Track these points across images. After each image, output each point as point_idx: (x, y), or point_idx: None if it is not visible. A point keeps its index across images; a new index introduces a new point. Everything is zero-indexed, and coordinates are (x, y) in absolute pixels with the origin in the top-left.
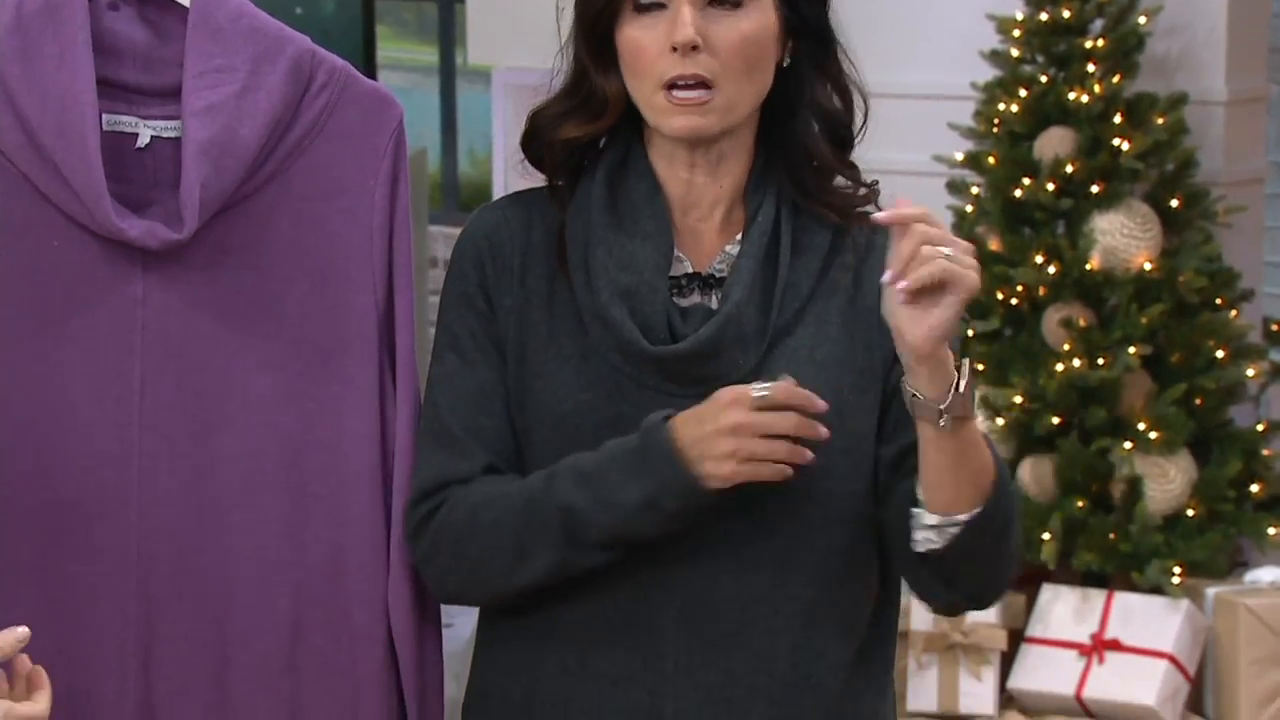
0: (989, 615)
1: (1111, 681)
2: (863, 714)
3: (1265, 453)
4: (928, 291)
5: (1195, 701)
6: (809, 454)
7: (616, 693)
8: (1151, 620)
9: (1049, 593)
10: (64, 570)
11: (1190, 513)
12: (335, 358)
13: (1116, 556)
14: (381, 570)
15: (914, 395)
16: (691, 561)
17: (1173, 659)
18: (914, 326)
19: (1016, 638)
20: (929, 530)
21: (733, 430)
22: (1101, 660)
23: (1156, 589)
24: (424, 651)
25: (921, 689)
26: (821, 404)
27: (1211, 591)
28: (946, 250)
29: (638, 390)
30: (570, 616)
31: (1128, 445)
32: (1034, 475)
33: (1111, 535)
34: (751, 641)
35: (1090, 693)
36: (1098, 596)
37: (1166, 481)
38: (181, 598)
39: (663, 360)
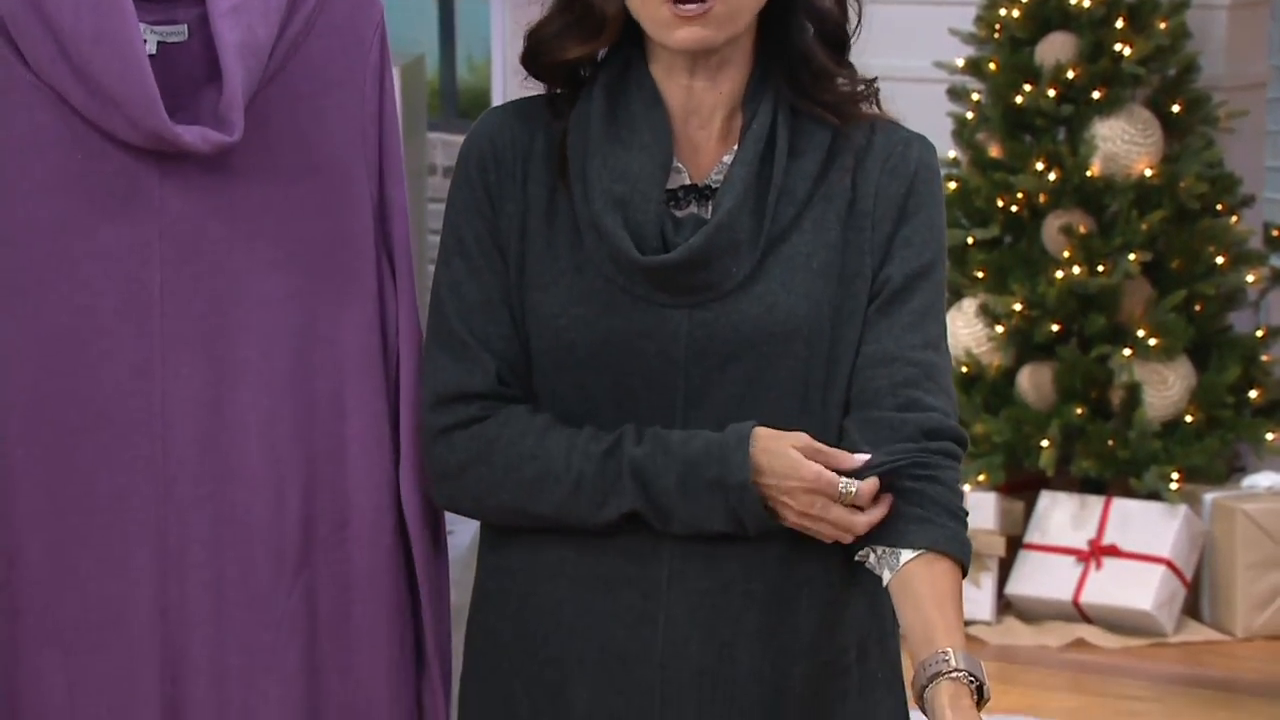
0: (987, 522)
1: (1109, 587)
2: (858, 616)
3: (1264, 358)
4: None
5: (1192, 606)
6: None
7: (610, 597)
8: (1149, 526)
9: (1047, 499)
10: (96, 481)
11: (1189, 419)
12: (336, 252)
13: (1115, 463)
14: (383, 463)
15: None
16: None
17: (1170, 564)
18: None
19: (1014, 544)
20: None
21: (809, 491)
22: (1099, 566)
23: (1154, 495)
24: (437, 545)
25: None
26: (879, 515)
27: (1209, 497)
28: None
29: (630, 303)
30: (571, 531)
31: (1127, 352)
32: (1033, 382)
33: (1110, 442)
34: (744, 547)
35: (1088, 598)
36: (1096, 503)
37: (1165, 388)
38: (205, 501)
39: (653, 270)
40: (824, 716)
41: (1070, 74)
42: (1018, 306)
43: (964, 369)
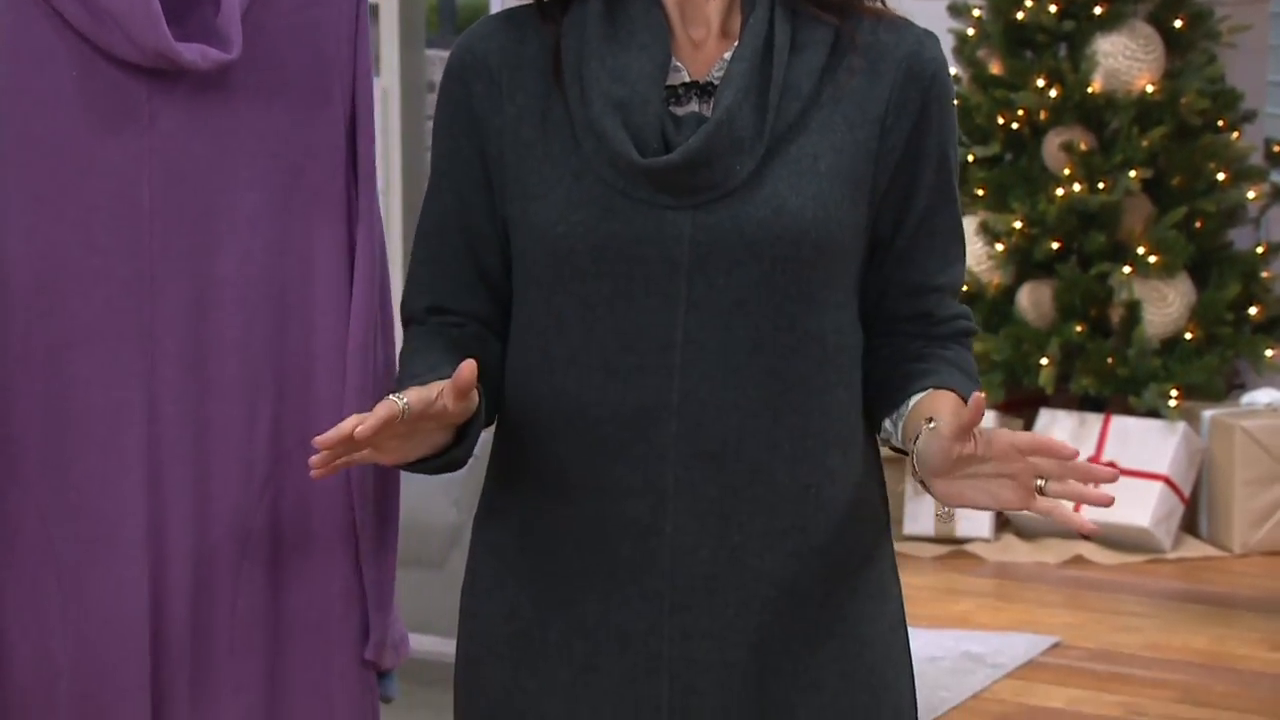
0: None
1: None
2: (864, 518)
3: (1264, 275)
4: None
5: (1190, 522)
6: None
7: (617, 508)
8: (1148, 443)
9: (1046, 417)
10: (90, 397)
11: (1188, 336)
12: (309, 169)
13: (1114, 380)
14: (343, 378)
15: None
16: (688, 379)
17: (1168, 481)
18: (950, 481)
19: None
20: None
21: None
22: (1097, 484)
23: (1153, 412)
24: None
25: (919, 513)
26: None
27: (1208, 414)
28: (1040, 482)
29: (631, 206)
30: (574, 437)
31: (1127, 269)
32: (1032, 301)
33: (1109, 359)
34: (750, 454)
35: (1086, 515)
36: (1095, 420)
37: (1165, 305)
38: (189, 417)
39: (653, 172)
40: (833, 617)
41: None
42: (1018, 224)
43: (964, 288)
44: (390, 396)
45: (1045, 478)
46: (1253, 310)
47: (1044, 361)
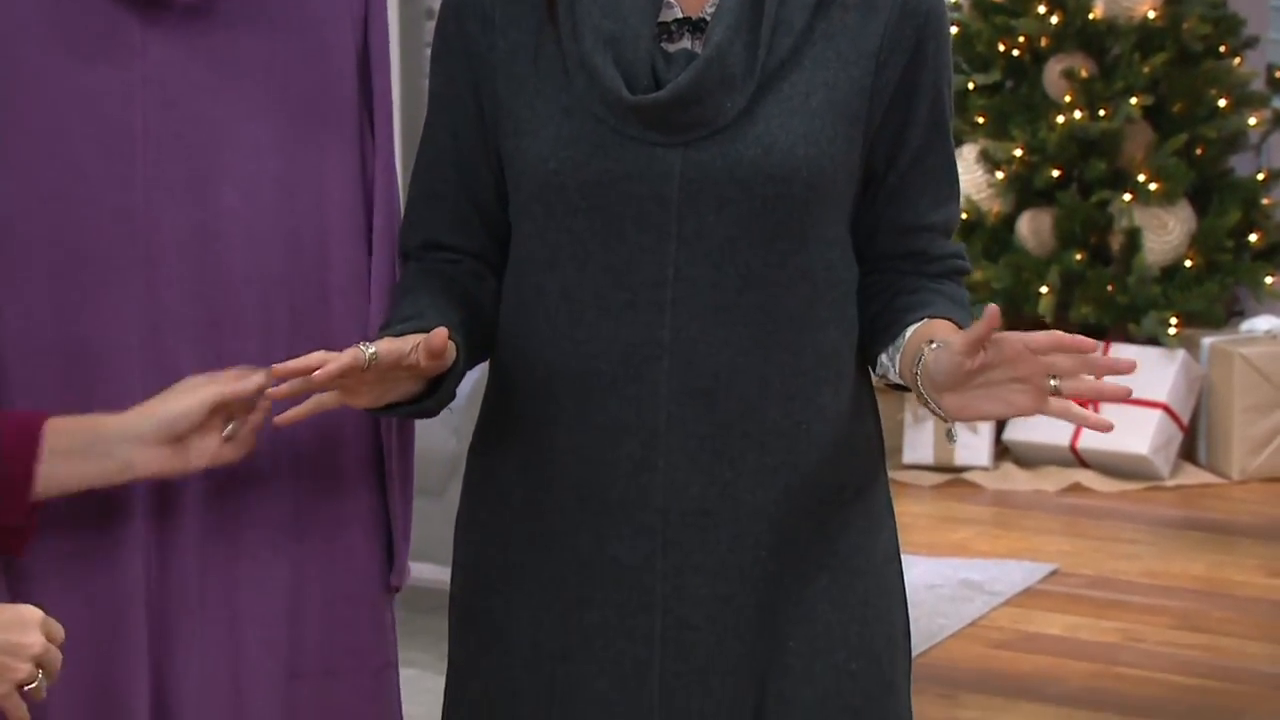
0: None
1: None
2: (857, 457)
3: (1265, 202)
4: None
5: (1188, 450)
6: None
7: (609, 445)
8: (1147, 371)
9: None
10: (85, 325)
11: (1188, 263)
12: (319, 101)
13: (1114, 308)
14: (363, 310)
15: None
16: (680, 316)
17: (1167, 409)
18: (961, 393)
19: None
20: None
21: None
22: (1097, 411)
23: (1153, 340)
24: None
25: (918, 442)
26: None
27: (1207, 341)
28: (1054, 383)
29: (621, 143)
30: (567, 373)
31: (1127, 197)
32: (1032, 229)
33: (1109, 287)
34: (742, 391)
35: (1085, 443)
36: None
37: (1165, 233)
38: (193, 348)
39: (642, 108)
40: (825, 551)
41: None
42: (1018, 152)
43: (964, 215)
44: (359, 345)
45: (1059, 377)
46: (1253, 237)
47: (1043, 290)
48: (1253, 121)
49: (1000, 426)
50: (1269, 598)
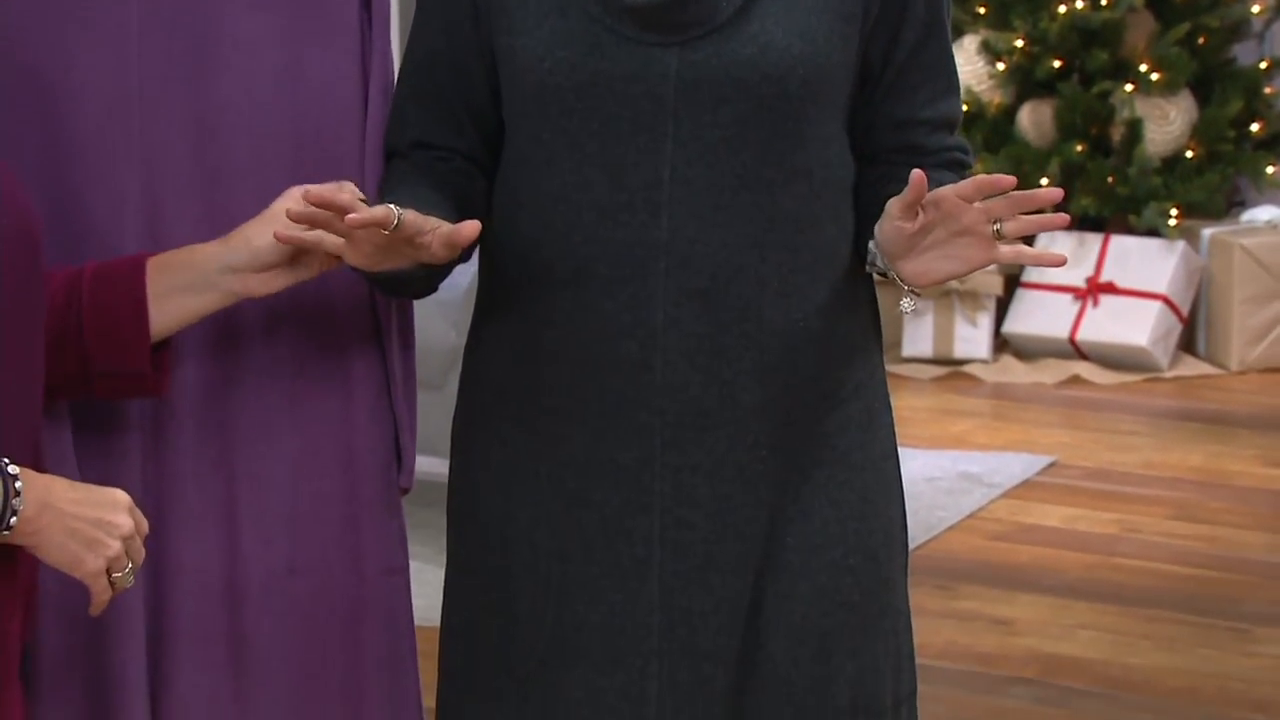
0: None
1: (1105, 324)
2: (855, 355)
3: (1267, 91)
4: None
5: (1188, 341)
6: None
7: (607, 345)
8: (1147, 262)
9: (1045, 237)
10: (86, 213)
11: (1189, 154)
12: None
13: (1114, 200)
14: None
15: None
16: (676, 216)
17: (1166, 300)
18: (914, 258)
19: (1012, 283)
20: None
21: None
22: (1096, 303)
23: (1153, 231)
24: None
25: (918, 334)
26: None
27: (1207, 232)
28: (996, 227)
29: (616, 43)
30: (562, 274)
31: (1129, 87)
32: (1033, 120)
33: (1110, 179)
34: (739, 290)
35: (1084, 335)
36: (1094, 240)
37: (1166, 123)
38: (189, 238)
39: (639, 9)
40: (823, 447)
41: None
42: (1019, 43)
43: (964, 107)
44: (389, 204)
45: (998, 220)
46: (1254, 127)
47: (1044, 181)
48: (1256, 9)
49: (999, 319)
50: (1266, 487)
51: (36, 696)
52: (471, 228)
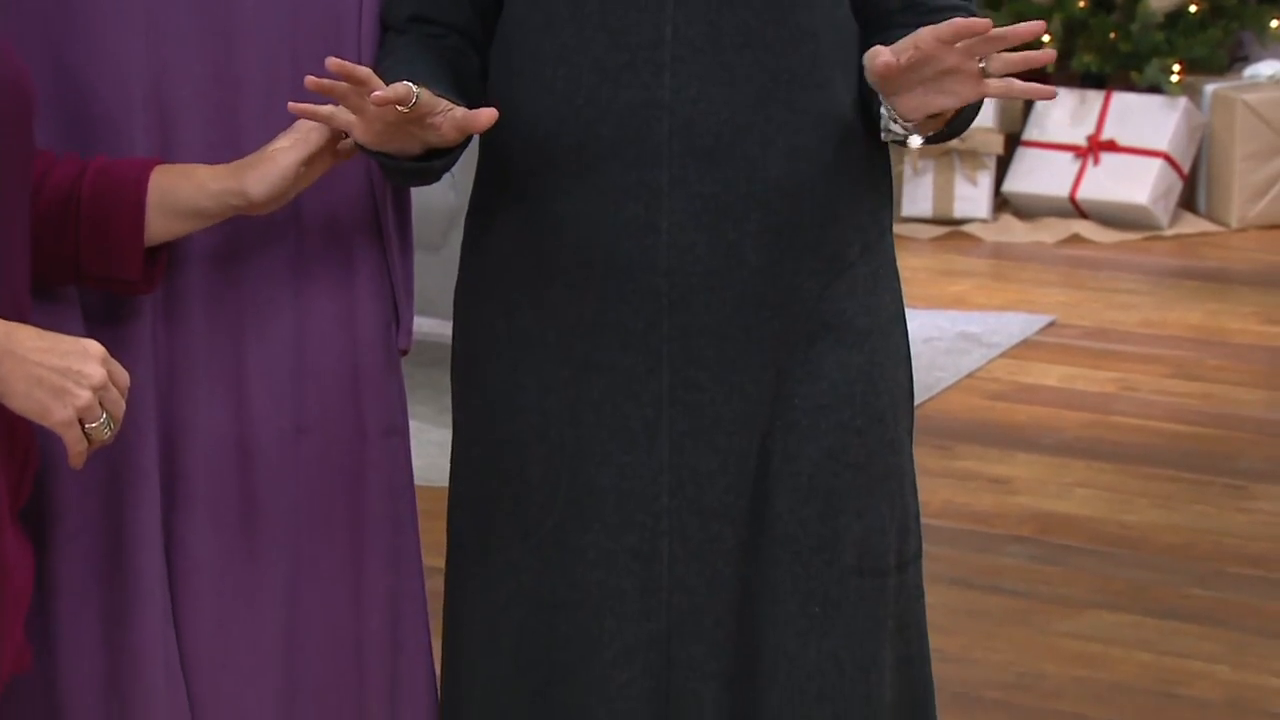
0: (985, 120)
1: (1106, 182)
2: (862, 216)
3: None
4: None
5: (1188, 198)
6: None
7: (612, 208)
8: (1148, 119)
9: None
10: (81, 84)
11: (1192, 9)
12: None
13: (1116, 56)
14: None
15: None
16: (679, 76)
17: (1167, 157)
18: (905, 95)
19: (1013, 141)
20: (896, 127)
21: None
22: (1097, 161)
23: (1155, 88)
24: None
25: (918, 194)
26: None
27: (1210, 88)
28: (982, 65)
29: None
30: (565, 138)
31: None
32: None
33: (1112, 35)
34: (744, 150)
35: (1084, 193)
36: (1095, 98)
37: None
38: (194, 102)
39: None
40: (831, 311)
41: None
42: None
43: None
44: (407, 82)
45: (983, 58)
46: None
47: (1045, 39)
48: None
49: (999, 178)
50: (1264, 344)
51: (55, 556)
52: (489, 115)
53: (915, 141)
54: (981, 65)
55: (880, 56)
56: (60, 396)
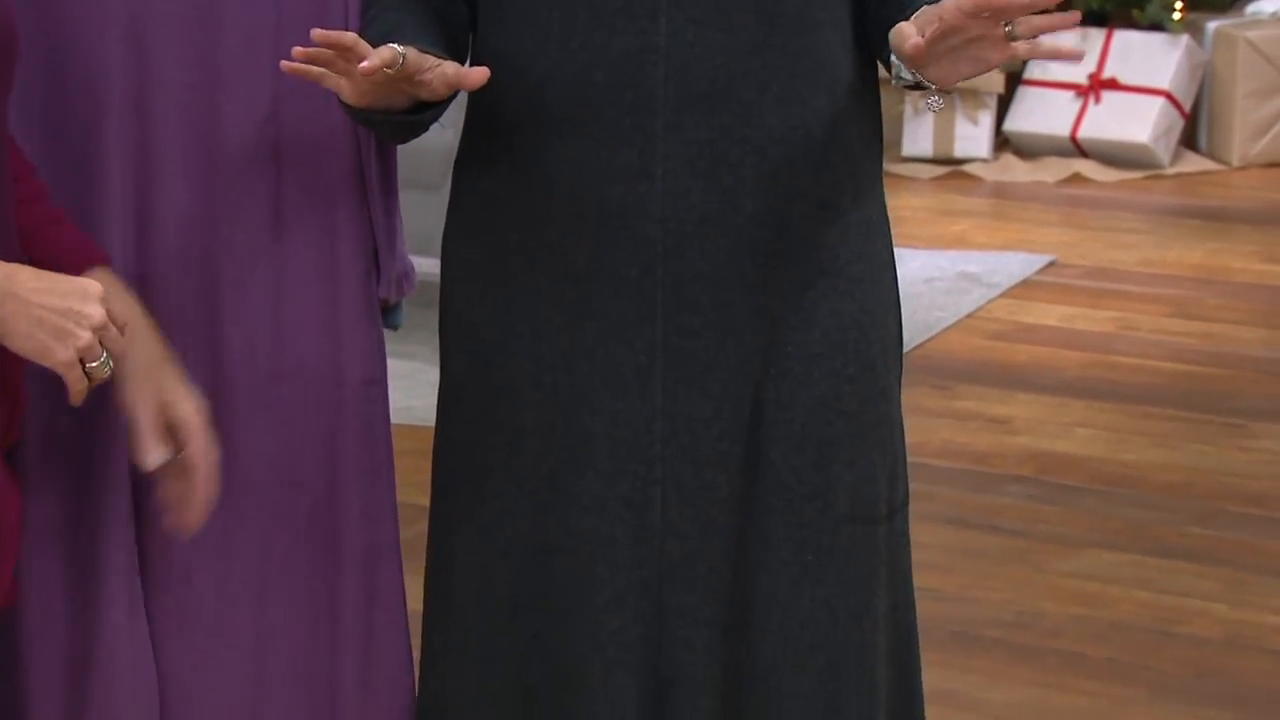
0: None
1: (1107, 121)
2: (854, 163)
3: None
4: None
5: (1189, 136)
6: None
7: (606, 154)
8: (1150, 57)
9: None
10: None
11: None
12: None
13: None
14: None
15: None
16: (674, 21)
17: (1169, 96)
18: (934, 64)
19: (1014, 80)
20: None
21: None
22: (1098, 100)
23: (1156, 25)
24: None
25: (918, 134)
26: None
27: (1211, 25)
28: (1008, 29)
29: None
30: (559, 83)
31: None
32: None
33: None
34: (739, 96)
35: (1085, 133)
36: (1097, 36)
37: None
38: (188, 111)
39: None
40: (823, 257)
41: None
42: None
43: None
44: (393, 45)
45: (1009, 23)
46: None
47: None
48: None
49: (1000, 117)
50: (1264, 283)
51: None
52: (480, 74)
53: (935, 104)
54: (1008, 29)
55: (909, 39)
56: (62, 338)
